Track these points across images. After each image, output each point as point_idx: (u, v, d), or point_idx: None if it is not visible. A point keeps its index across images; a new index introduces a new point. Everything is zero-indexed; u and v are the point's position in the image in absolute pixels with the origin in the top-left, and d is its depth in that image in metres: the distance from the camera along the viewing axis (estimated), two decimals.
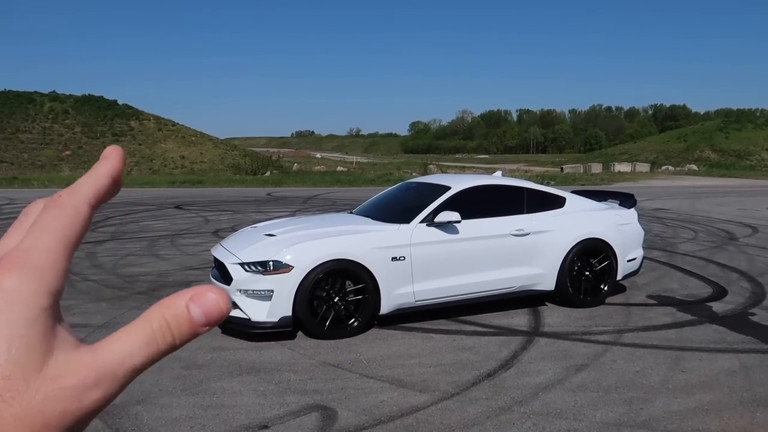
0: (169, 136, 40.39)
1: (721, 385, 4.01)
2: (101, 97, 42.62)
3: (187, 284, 6.84)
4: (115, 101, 42.56)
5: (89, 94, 42.64)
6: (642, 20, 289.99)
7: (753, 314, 5.74)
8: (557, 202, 6.11)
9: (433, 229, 5.33)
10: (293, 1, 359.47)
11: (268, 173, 36.09)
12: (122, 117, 40.66)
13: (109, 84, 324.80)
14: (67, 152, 36.78)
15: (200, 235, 10.82)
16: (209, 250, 9.03)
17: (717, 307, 6.01)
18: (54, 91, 41.98)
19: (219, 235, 10.78)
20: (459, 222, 5.35)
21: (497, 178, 6.41)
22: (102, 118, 39.95)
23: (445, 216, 5.30)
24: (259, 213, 14.50)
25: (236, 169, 37.74)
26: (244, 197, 19.69)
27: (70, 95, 42.08)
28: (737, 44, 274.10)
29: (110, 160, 0.41)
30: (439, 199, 5.51)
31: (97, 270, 7.67)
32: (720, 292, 6.60)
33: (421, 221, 5.33)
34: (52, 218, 0.36)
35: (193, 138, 41.36)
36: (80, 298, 6.21)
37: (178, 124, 42.69)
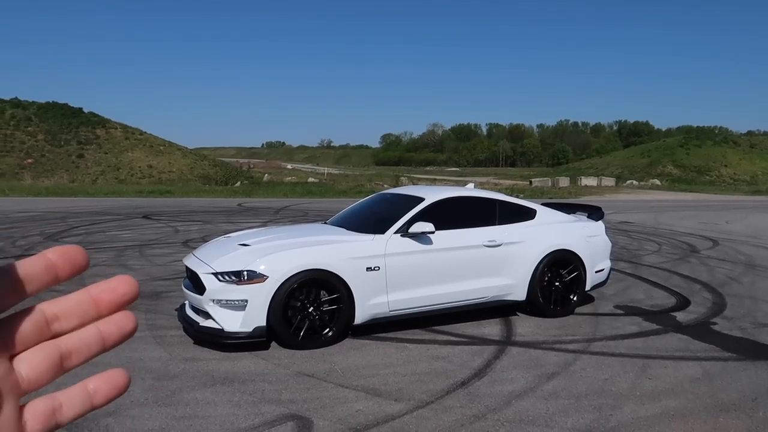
0: (136, 145, 39.71)
1: (686, 391, 4.13)
2: (66, 105, 41.68)
3: (157, 295, 6.77)
4: (81, 109, 41.67)
5: (53, 101, 41.67)
6: (607, 38, 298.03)
7: (714, 323, 5.94)
8: (528, 214, 6.24)
9: (407, 239, 5.38)
10: (263, 12, 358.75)
11: (238, 184, 35.80)
12: (88, 125, 39.81)
13: (75, 91, 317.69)
14: (30, 160, 35.81)
15: (170, 246, 10.66)
16: (179, 261, 8.91)
17: (681, 316, 6.19)
18: (16, 98, 40.90)
19: (189, 245, 10.64)
20: (433, 233, 5.41)
21: (470, 190, 6.51)
22: (66, 125, 39.05)
23: (419, 227, 5.36)
24: (229, 223, 14.36)
25: (206, 180, 37.32)
26: (214, 207, 19.47)
27: (33, 102, 41.05)
28: (698, 64, 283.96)
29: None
30: (413, 210, 5.57)
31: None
32: (683, 303, 6.81)
33: (396, 232, 5.38)
34: None
35: (162, 147, 40.75)
36: None
37: (145, 132, 42.03)
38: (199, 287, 4.92)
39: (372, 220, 5.87)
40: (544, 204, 6.86)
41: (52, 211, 16.96)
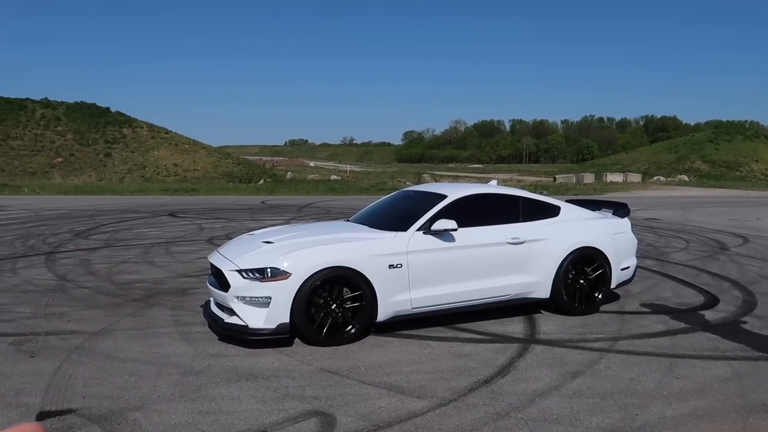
0: (161, 143, 40.33)
1: (715, 391, 4.05)
2: (94, 104, 42.55)
3: (182, 291, 6.87)
4: (108, 108, 42.49)
5: (82, 101, 42.57)
6: (633, 31, 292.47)
7: (744, 322, 5.81)
8: (552, 211, 6.17)
9: (429, 237, 5.37)
10: (286, 9, 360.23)
11: (261, 181, 36.10)
12: (115, 124, 40.57)
13: (102, 91, 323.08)
14: (59, 159, 36.60)
15: (195, 243, 10.81)
16: (204, 258, 9.03)
17: (709, 315, 6.07)
18: (46, 98, 41.88)
19: (214, 242, 10.77)
20: (455, 230, 5.39)
21: (493, 187, 6.46)
22: (94, 125, 39.85)
23: (441, 224, 5.34)
24: (253, 221, 14.50)
25: (229, 177, 37.73)
26: (238, 205, 19.68)
27: (62, 102, 41.98)
28: (727, 57, 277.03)
29: None
30: (435, 207, 5.56)
31: (91, 277, 7.65)
32: (712, 301, 6.67)
33: (418, 229, 5.37)
34: None
35: (186, 146, 41.31)
36: (75, 305, 6.19)
37: (171, 131, 42.64)
38: (223, 284, 4.97)
39: (394, 217, 5.87)
40: (568, 200, 6.78)
41: (80, 209, 17.32)
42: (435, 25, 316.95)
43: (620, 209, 6.78)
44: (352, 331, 5.01)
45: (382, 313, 5.12)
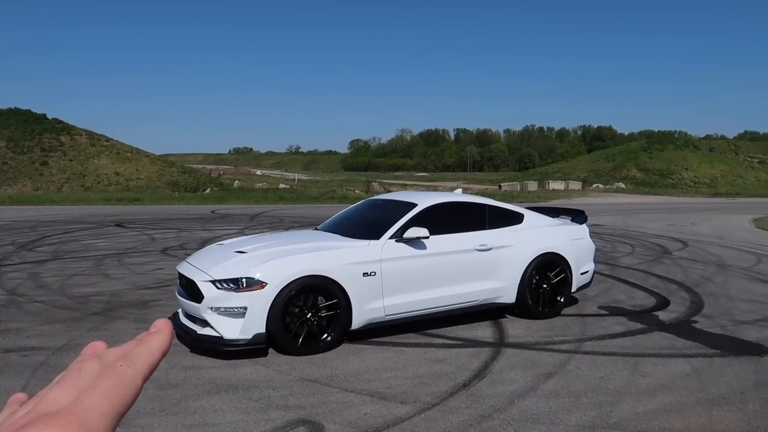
0: (102, 152, 38.87)
1: (678, 387, 4.30)
2: (29, 111, 40.60)
3: (144, 304, 6.68)
4: (44, 115, 40.63)
5: (15, 108, 40.53)
6: (569, 42, 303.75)
7: (695, 322, 6.17)
8: (516, 219, 6.38)
9: (402, 244, 5.45)
10: (227, 19, 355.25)
11: (208, 190, 35.33)
12: (52, 132, 38.81)
13: (38, 98, 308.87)
14: None
15: (148, 254, 10.50)
16: (161, 269, 8.81)
17: (663, 315, 6.41)
18: None
19: (168, 253, 10.50)
20: (427, 237, 5.49)
21: (460, 195, 6.62)
22: (29, 132, 38.00)
23: (413, 232, 5.44)
24: (205, 231, 14.21)
25: (174, 186, 36.74)
26: (187, 215, 19.21)
27: None
28: (657, 66, 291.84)
29: (162, 334, 0.47)
30: (407, 215, 5.65)
31: (44, 291, 7.32)
32: (663, 303, 7.04)
33: (391, 237, 5.44)
34: (111, 386, 0.41)
35: (129, 154, 39.96)
36: (31, 320, 5.92)
37: (111, 139, 41.18)
38: (195, 295, 4.89)
39: (365, 225, 5.93)
40: (528, 208, 7.01)
41: (20, 220, 16.50)
42: (381, 36, 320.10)
43: (578, 216, 7.07)
44: (328, 339, 5.02)
45: (357, 321, 5.15)
